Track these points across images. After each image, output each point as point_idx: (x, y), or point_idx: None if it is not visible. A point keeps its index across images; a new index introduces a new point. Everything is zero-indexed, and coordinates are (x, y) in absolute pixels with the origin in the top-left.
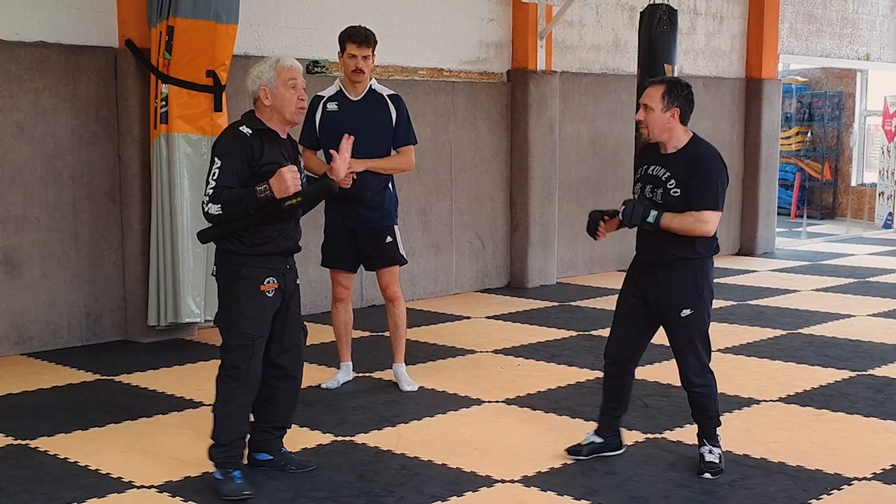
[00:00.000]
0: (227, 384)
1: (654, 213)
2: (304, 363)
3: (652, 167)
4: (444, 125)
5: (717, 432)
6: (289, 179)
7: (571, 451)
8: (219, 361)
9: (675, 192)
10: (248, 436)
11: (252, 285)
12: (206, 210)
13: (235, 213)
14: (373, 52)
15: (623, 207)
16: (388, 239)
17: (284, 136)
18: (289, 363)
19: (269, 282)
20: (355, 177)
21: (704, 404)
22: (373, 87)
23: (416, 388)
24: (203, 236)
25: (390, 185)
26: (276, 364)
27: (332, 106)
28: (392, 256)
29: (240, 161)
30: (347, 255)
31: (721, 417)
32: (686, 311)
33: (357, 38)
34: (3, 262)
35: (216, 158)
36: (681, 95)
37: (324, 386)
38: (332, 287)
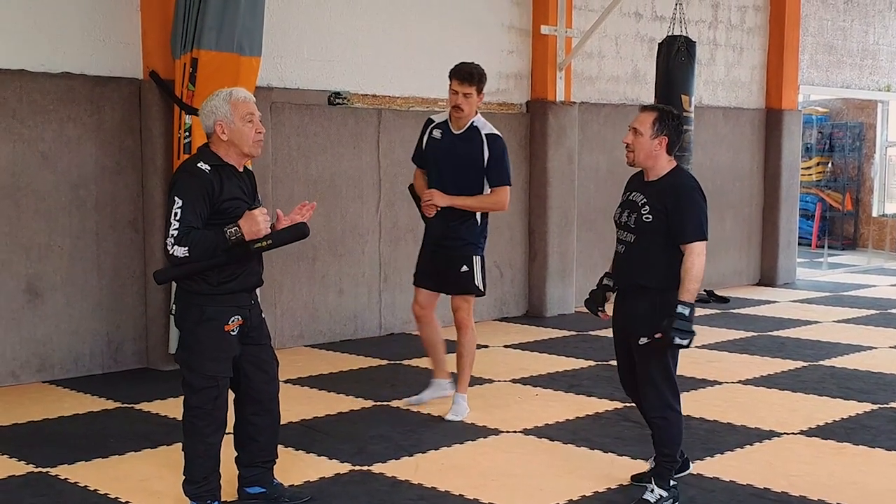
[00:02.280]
0: (195, 424)
1: (679, 309)
2: (324, 391)
3: (633, 193)
4: None
5: (671, 478)
6: (261, 222)
7: (636, 478)
8: None
9: (647, 219)
10: (237, 472)
11: (217, 326)
12: (171, 252)
13: (203, 256)
14: (477, 90)
15: (674, 338)
16: (464, 268)
17: (241, 170)
18: (265, 398)
19: (233, 320)
20: (438, 209)
21: (660, 437)
22: (475, 123)
23: (458, 419)
24: (161, 277)
25: (477, 218)
26: (254, 400)
27: (436, 133)
28: (465, 286)
29: (201, 199)
30: (428, 273)
31: (712, 458)
32: (643, 340)
33: (460, 74)
34: (26, 291)
35: (176, 198)
36: (671, 125)
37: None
38: (412, 304)
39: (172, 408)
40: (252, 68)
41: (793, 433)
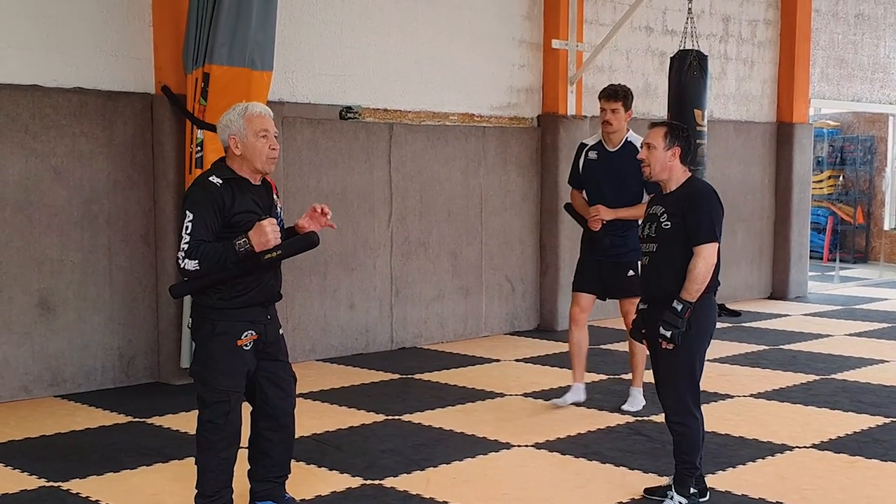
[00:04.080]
0: (207, 439)
1: (674, 305)
2: (336, 405)
3: (654, 207)
4: (474, 169)
5: (692, 485)
6: (269, 233)
7: (648, 490)
8: None
9: (666, 226)
10: (249, 486)
11: (229, 341)
12: (182, 266)
13: (213, 268)
14: (623, 106)
15: (662, 331)
16: (630, 273)
17: (257, 183)
18: (280, 414)
19: (246, 335)
20: (604, 221)
21: (679, 443)
22: (629, 138)
23: (634, 410)
24: (176, 291)
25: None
26: (268, 416)
27: (592, 154)
28: (631, 289)
29: (212, 213)
30: (592, 282)
31: (722, 473)
32: (669, 345)
33: (605, 93)
34: (38, 305)
35: (187, 212)
36: (681, 136)
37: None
38: (570, 307)
39: (184, 422)
40: (263, 83)
41: (805, 447)
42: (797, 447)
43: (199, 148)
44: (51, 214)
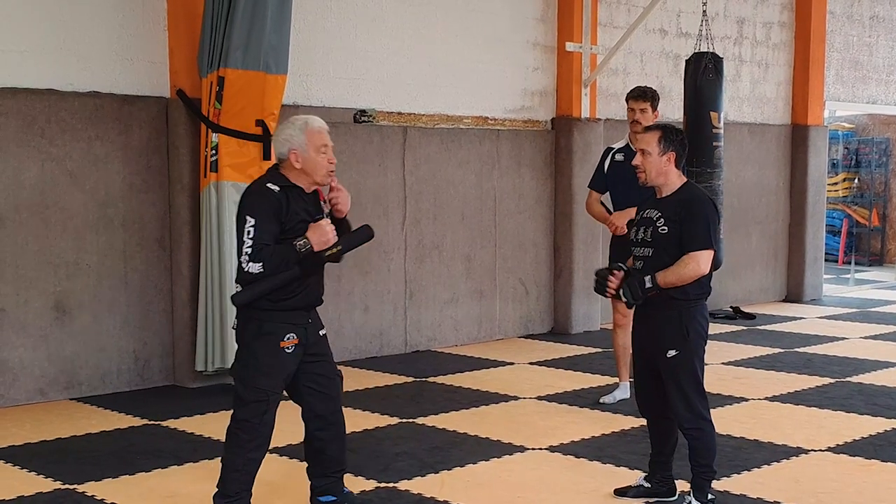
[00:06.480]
0: (238, 437)
1: (647, 278)
2: (350, 408)
3: (647, 210)
4: (488, 172)
5: (710, 489)
6: (329, 232)
7: (618, 491)
8: None
9: (663, 230)
10: (309, 483)
11: (272, 341)
12: (245, 269)
13: (277, 269)
14: (651, 106)
15: (621, 291)
16: None
17: (309, 192)
18: (328, 412)
19: (289, 338)
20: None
21: (695, 448)
22: None
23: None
24: (239, 299)
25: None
26: (317, 416)
27: (619, 157)
28: None
29: (272, 218)
30: None
31: (738, 475)
32: (671, 352)
33: (634, 93)
34: (54, 308)
35: (248, 217)
36: (676, 140)
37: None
38: (612, 313)
39: (199, 425)
40: (278, 86)
41: (820, 450)
42: (812, 450)
43: (213, 151)
44: (66, 218)
